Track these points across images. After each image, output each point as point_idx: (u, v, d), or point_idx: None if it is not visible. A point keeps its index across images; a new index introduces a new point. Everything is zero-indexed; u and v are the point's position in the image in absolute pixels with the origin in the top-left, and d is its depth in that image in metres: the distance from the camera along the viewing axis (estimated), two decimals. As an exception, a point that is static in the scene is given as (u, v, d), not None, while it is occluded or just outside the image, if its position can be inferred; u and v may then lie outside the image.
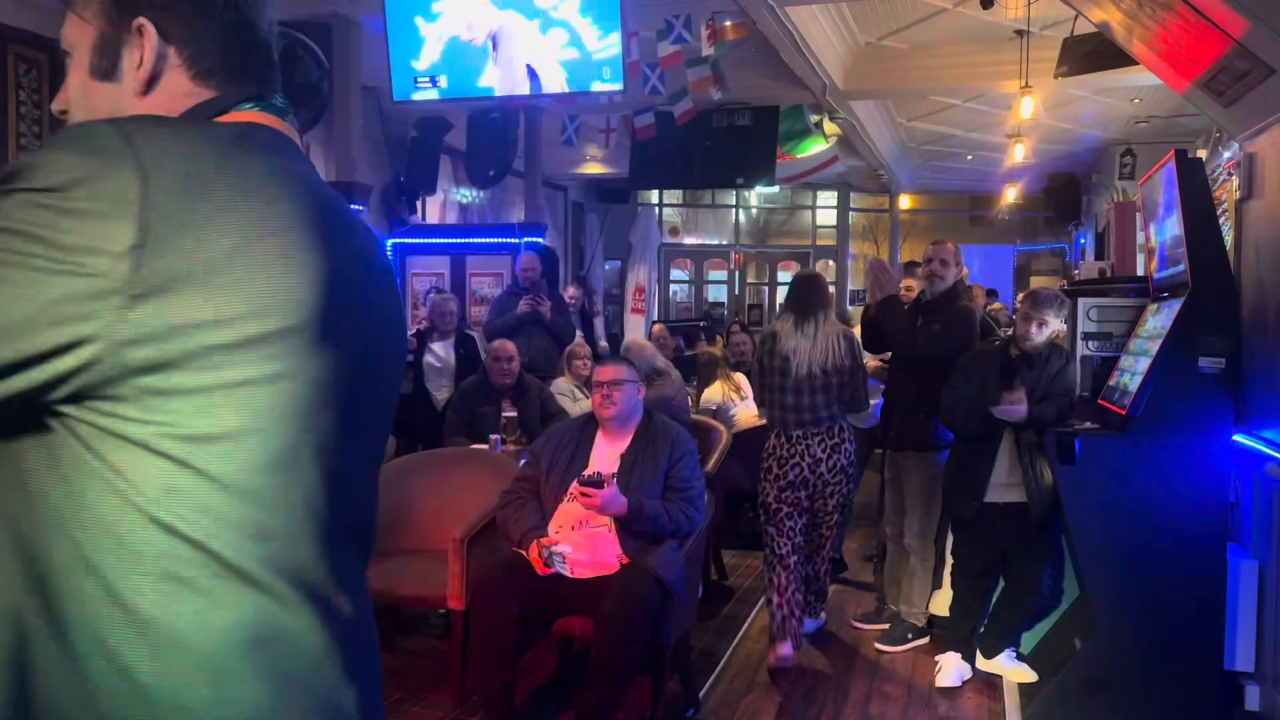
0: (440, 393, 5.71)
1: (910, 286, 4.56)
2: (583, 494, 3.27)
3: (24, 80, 5.54)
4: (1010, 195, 13.24)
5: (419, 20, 6.01)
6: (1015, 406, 3.60)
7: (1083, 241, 13.89)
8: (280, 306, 0.83)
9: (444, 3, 5.98)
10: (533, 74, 5.91)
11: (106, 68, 0.95)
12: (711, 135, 8.73)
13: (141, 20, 0.94)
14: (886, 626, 4.42)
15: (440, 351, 5.88)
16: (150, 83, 0.95)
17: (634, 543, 3.32)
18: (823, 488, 4.16)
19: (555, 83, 5.90)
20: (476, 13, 5.89)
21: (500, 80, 5.97)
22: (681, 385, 5.38)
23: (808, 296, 4.23)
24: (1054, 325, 3.71)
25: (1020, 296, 4.22)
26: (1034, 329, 3.68)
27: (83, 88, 0.97)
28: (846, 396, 4.19)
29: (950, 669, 3.90)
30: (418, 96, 6.27)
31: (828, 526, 4.35)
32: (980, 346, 4.04)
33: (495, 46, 5.91)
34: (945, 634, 4.05)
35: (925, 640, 4.29)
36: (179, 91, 0.96)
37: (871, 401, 5.22)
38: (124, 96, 0.95)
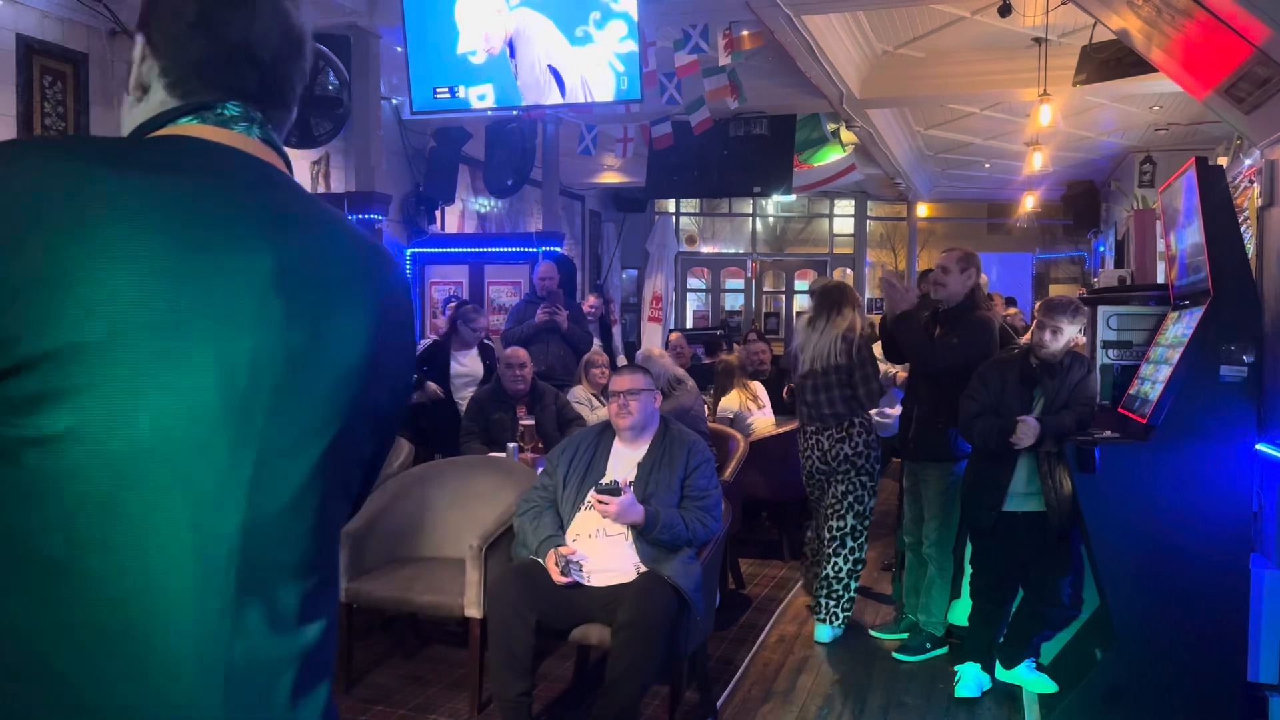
0: (465, 403, 5.76)
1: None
2: (599, 501, 3.28)
3: (49, 92, 5.61)
4: (1029, 203, 13.18)
5: (440, 31, 6.04)
6: (1027, 430, 3.58)
7: (1102, 249, 13.81)
8: (79, 320, 0.83)
9: (461, 16, 6.01)
10: (555, 74, 5.90)
11: (130, 81, 1.04)
12: (728, 144, 8.73)
13: (140, 34, 1.02)
14: (905, 636, 4.41)
15: (467, 361, 5.94)
16: (144, 93, 1.02)
17: (651, 551, 3.33)
18: (830, 475, 4.53)
19: (595, 82, 5.84)
20: (491, 22, 5.90)
21: (521, 85, 5.96)
22: (698, 395, 5.39)
23: (823, 300, 4.60)
24: (1070, 332, 3.67)
25: (1036, 305, 4.20)
26: (1048, 336, 3.66)
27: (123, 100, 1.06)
28: (848, 394, 4.45)
29: (969, 679, 3.88)
30: (436, 108, 6.31)
31: (839, 516, 4.49)
32: (999, 355, 4.03)
33: (513, 53, 5.92)
34: (964, 644, 4.02)
35: (944, 651, 4.27)
36: (156, 101, 1.01)
37: (891, 412, 5.22)
38: (127, 107, 1.03)
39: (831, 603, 4.47)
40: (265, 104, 1.04)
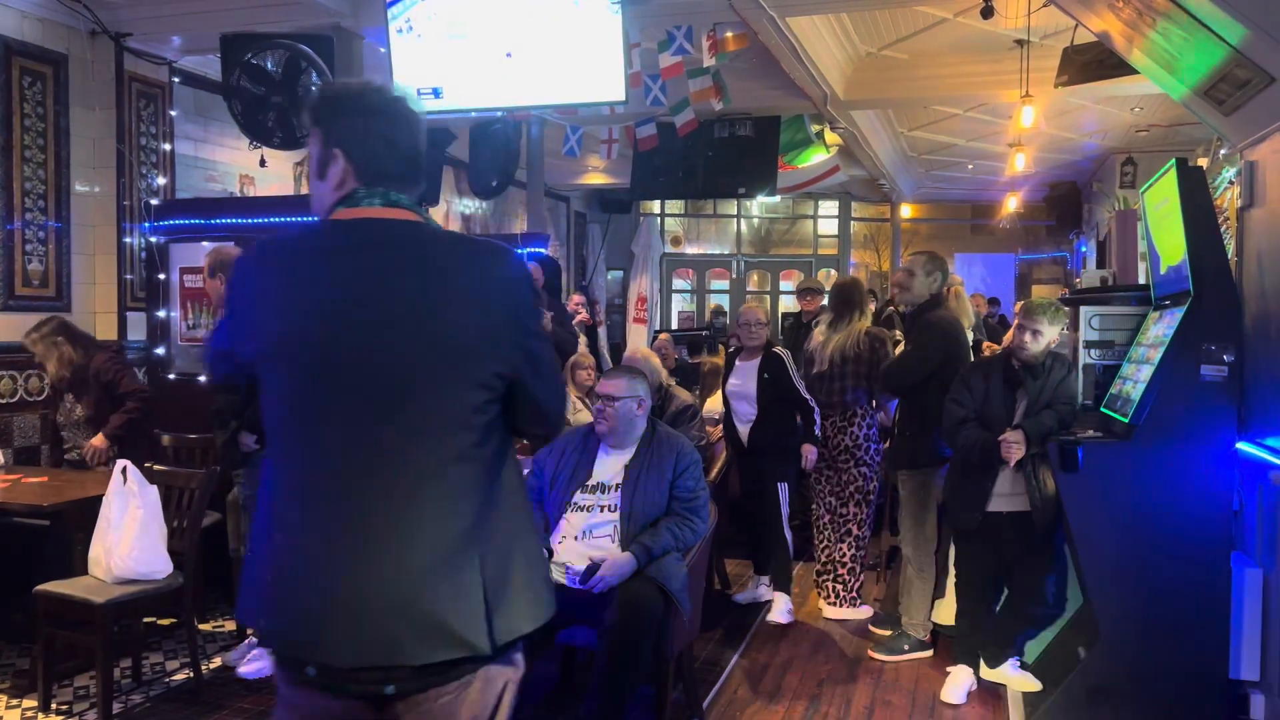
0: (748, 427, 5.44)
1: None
2: (589, 587, 3.20)
3: (28, 93, 5.56)
4: (1011, 204, 13.25)
5: (421, 32, 6.03)
6: (1016, 447, 3.60)
7: (1084, 250, 13.90)
8: (265, 334, 1.58)
9: None
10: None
11: (325, 173, 1.65)
12: (713, 145, 8.73)
13: (338, 149, 1.62)
14: (888, 634, 4.43)
15: (745, 375, 5.73)
16: (340, 184, 1.63)
17: (637, 552, 3.31)
18: (832, 463, 4.79)
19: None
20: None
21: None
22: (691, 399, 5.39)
23: (843, 300, 4.88)
24: (1049, 334, 3.68)
25: (1017, 306, 4.23)
26: (1028, 338, 3.68)
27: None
28: (861, 385, 4.70)
29: (960, 682, 3.87)
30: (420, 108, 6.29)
31: (843, 504, 4.78)
32: (981, 358, 4.06)
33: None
34: (954, 645, 4.02)
35: (928, 653, 4.28)
36: (348, 189, 1.62)
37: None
38: (321, 188, 1.66)
39: (840, 586, 4.82)
40: (409, 181, 1.64)
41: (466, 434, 1.56)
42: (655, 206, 14.74)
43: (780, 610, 4.79)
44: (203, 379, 5.41)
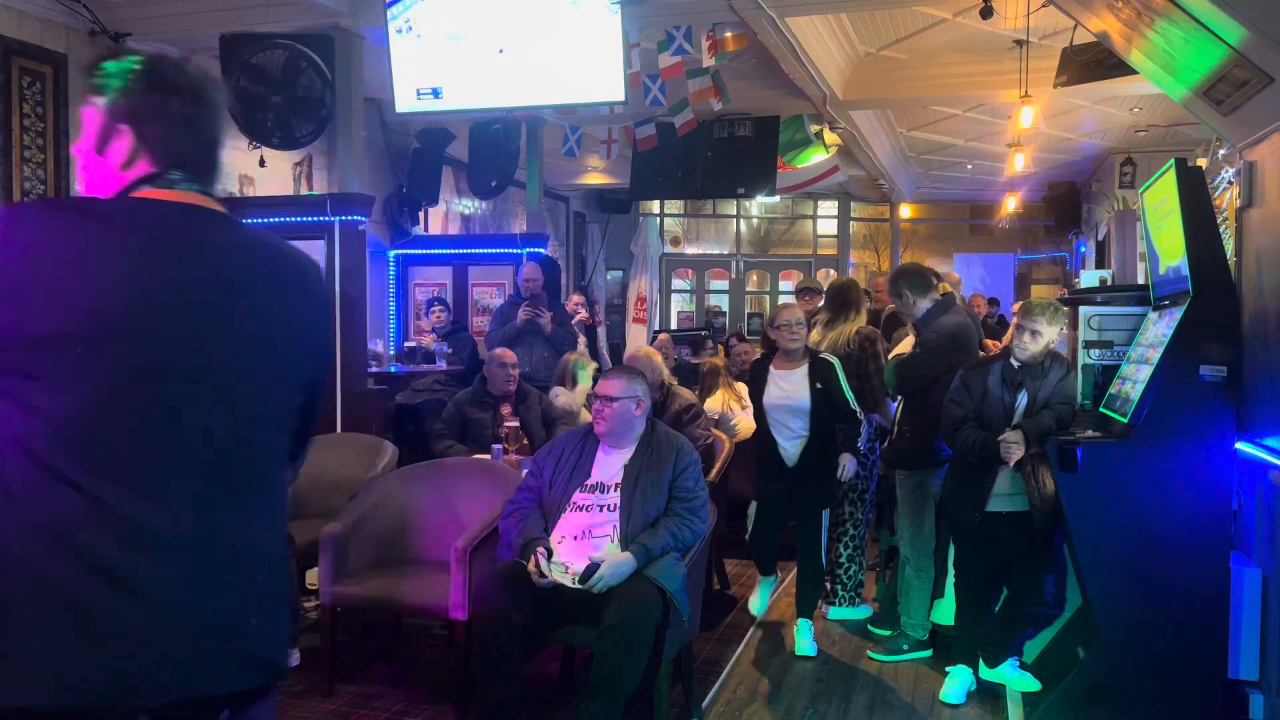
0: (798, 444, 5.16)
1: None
2: (588, 587, 3.21)
3: (28, 93, 5.56)
4: (1010, 204, 13.26)
5: (419, 32, 6.03)
6: (1015, 448, 3.59)
7: (1083, 250, 13.91)
8: (76, 310, 1.30)
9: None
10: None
11: (108, 150, 1.44)
12: (712, 145, 8.74)
13: (128, 124, 1.43)
14: (887, 634, 4.43)
15: (793, 381, 5.43)
16: (129, 164, 1.43)
17: (636, 552, 3.31)
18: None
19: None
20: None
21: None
22: (691, 397, 5.39)
23: (838, 300, 4.91)
24: (1048, 334, 3.68)
25: (1016, 307, 4.22)
26: (1027, 338, 3.68)
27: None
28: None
29: (959, 683, 3.87)
30: (420, 108, 6.30)
31: (850, 504, 4.78)
32: (981, 359, 4.06)
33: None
34: (955, 646, 4.02)
35: (927, 653, 4.27)
36: (137, 172, 1.43)
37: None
38: (106, 167, 1.44)
39: (839, 585, 4.82)
40: (208, 171, 1.48)
41: (285, 440, 1.51)
42: (654, 206, 14.74)
43: (805, 641, 4.29)
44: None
